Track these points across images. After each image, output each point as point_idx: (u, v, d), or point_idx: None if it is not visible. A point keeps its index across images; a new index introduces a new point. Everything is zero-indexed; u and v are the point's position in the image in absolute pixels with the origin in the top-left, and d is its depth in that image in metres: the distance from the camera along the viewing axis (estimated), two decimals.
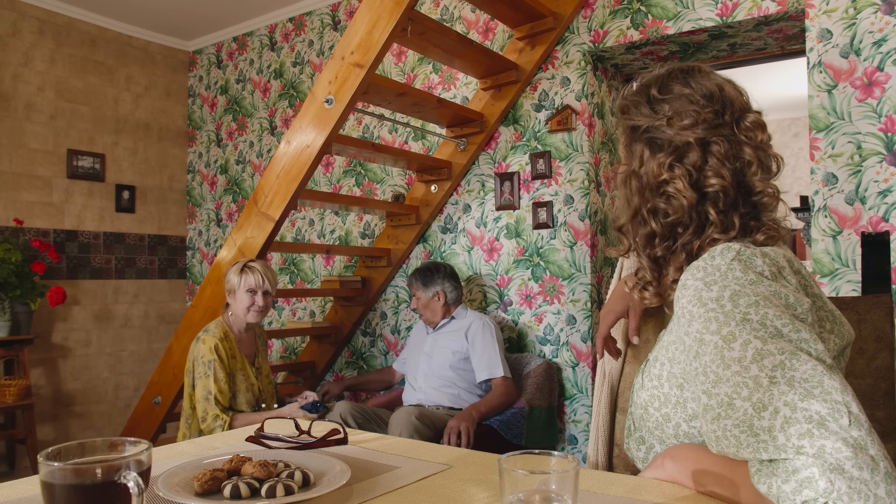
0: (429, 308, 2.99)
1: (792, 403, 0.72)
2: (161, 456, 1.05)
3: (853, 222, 2.20)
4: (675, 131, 0.96)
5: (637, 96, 1.02)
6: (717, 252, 0.88)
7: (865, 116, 2.20)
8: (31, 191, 4.22)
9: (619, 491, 0.85)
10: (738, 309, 0.81)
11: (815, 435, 0.69)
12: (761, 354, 0.76)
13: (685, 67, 1.02)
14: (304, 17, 4.38)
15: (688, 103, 0.97)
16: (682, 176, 0.94)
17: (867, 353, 1.20)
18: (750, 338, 0.78)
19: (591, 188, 3.15)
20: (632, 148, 1.02)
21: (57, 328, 4.32)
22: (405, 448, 1.10)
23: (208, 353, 2.45)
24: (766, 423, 0.73)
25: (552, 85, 3.25)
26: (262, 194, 2.82)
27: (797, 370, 0.74)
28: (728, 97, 0.98)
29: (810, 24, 2.30)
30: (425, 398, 2.90)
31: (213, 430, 2.41)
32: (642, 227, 1.00)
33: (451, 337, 2.96)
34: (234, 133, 4.78)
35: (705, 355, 0.82)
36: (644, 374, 1.03)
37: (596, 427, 1.32)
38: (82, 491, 0.64)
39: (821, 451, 0.68)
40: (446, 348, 2.93)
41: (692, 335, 0.85)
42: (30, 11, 4.23)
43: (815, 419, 0.70)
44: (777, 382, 0.74)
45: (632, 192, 1.01)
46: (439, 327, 3.01)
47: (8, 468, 4.06)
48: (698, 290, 0.86)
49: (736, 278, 0.84)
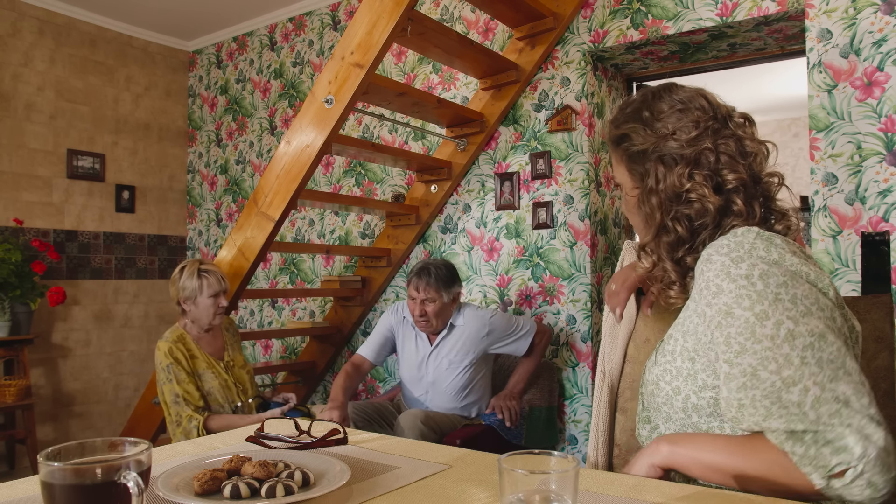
0: (443, 313, 2.66)
1: (822, 384, 0.81)
2: (161, 456, 1.05)
3: (853, 222, 2.20)
4: (683, 143, 1.01)
5: (630, 123, 1.06)
6: (738, 232, 0.94)
7: (865, 116, 2.20)
8: (31, 191, 4.22)
9: (619, 491, 0.85)
10: (769, 289, 0.86)
11: (843, 414, 0.79)
12: (793, 335, 0.83)
13: (661, 88, 1.07)
14: (304, 17, 4.38)
15: (683, 116, 1.02)
16: (703, 182, 0.99)
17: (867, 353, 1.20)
18: (783, 318, 0.84)
19: (591, 188, 3.15)
20: (640, 170, 1.06)
21: (57, 328, 4.32)
22: (405, 448, 1.10)
23: (164, 357, 2.43)
24: (796, 398, 0.81)
25: (552, 85, 3.25)
26: (262, 194, 2.82)
27: (825, 351, 0.82)
28: (713, 102, 1.05)
29: (810, 24, 2.30)
30: (433, 406, 2.75)
31: (191, 433, 2.38)
32: (666, 235, 1.03)
33: (457, 349, 2.69)
34: (234, 133, 4.78)
35: (731, 327, 0.87)
36: (658, 352, 1.06)
37: (596, 427, 1.32)
38: (82, 491, 0.64)
39: (851, 425, 0.78)
40: (455, 364, 2.68)
41: (717, 307, 0.90)
42: (30, 11, 4.23)
43: (841, 399, 0.80)
44: (808, 363, 0.82)
45: (652, 208, 1.04)
46: (440, 342, 2.71)
47: (8, 468, 4.06)
48: (725, 265, 0.91)
49: (761, 257, 0.89)
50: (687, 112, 1.02)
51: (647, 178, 1.04)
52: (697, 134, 1.00)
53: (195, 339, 2.55)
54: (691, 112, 1.02)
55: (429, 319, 2.63)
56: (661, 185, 1.02)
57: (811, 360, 0.82)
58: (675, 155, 1.01)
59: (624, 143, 1.07)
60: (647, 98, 1.07)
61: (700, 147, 1.00)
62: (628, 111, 1.08)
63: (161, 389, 2.47)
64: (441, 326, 2.68)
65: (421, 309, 2.62)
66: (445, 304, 2.64)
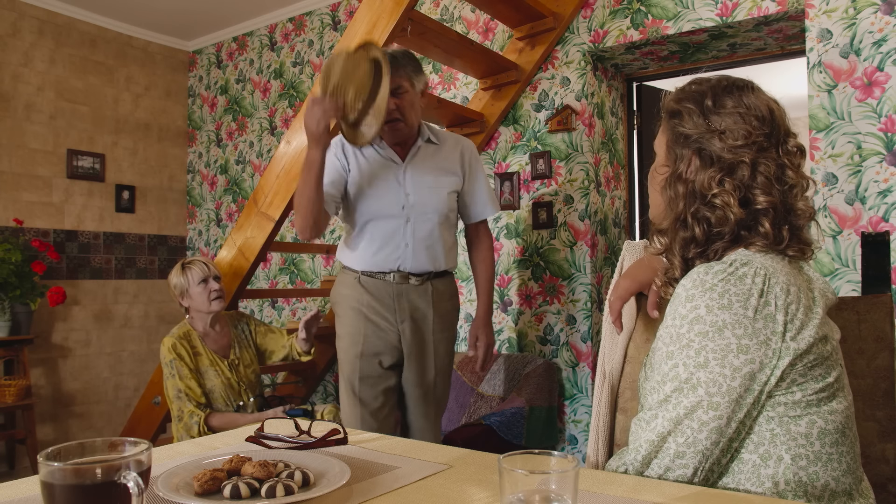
0: (413, 110, 2.11)
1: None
2: (161, 456, 1.05)
3: (853, 222, 2.20)
4: (727, 147, 0.98)
5: (690, 104, 1.03)
6: (741, 260, 0.94)
7: (865, 116, 2.20)
8: (31, 191, 4.22)
9: (619, 491, 0.85)
10: (690, 333, 0.92)
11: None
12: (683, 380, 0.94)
13: (739, 83, 1.03)
14: (304, 17, 4.38)
15: (741, 121, 0.99)
16: (731, 191, 0.97)
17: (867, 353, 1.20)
18: (678, 361, 0.92)
19: (591, 188, 3.15)
20: (678, 151, 1.04)
21: (57, 328, 4.32)
22: (405, 448, 1.10)
23: (167, 353, 2.47)
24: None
25: (552, 85, 3.25)
26: (262, 194, 2.82)
27: (681, 405, 0.92)
28: (777, 120, 1.01)
29: (810, 24, 2.30)
30: (412, 264, 2.15)
31: (191, 428, 2.41)
32: (683, 230, 1.02)
33: (442, 166, 2.19)
34: (234, 133, 4.78)
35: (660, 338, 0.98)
36: (646, 366, 1.05)
37: (596, 427, 1.32)
38: (82, 491, 0.64)
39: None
40: (440, 187, 2.16)
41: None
42: (30, 11, 4.23)
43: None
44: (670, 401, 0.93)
45: (677, 195, 1.02)
46: (414, 155, 2.16)
47: (8, 468, 4.06)
48: (699, 281, 0.94)
49: (710, 300, 0.92)
50: (745, 118, 0.99)
51: (681, 163, 1.02)
52: (743, 144, 0.98)
53: (201, 336, 2.57)
54: (749, 121, 0.98)
55: (404, 114, 2.07)
56: (691, 176, 1.01)
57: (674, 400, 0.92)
58: (715, 155, 0.99)
59: (675, 119, 1.05)
60: (718, 86, 1.03)
61: (739, 158, 0.97)
62: (694, 90, 1.04)
63: (164, 384, 2.51)
64: (411, 131, 2.15)
65: (390, 103, 2.02)
66: (416, 96, 2.12)
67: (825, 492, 0.91)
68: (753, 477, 0.91)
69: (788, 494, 0.89)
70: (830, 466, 0.91)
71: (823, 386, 0.91)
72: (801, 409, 0.91)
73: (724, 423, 0.89)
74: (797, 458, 0.90)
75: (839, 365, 0.96)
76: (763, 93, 1.03)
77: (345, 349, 2.17)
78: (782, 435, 0.90)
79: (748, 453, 0.91)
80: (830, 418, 0.92)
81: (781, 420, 0.90)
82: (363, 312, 2.13)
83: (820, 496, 0.91)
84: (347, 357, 2.15)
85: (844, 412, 0.94)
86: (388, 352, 2.14)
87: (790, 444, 0.90)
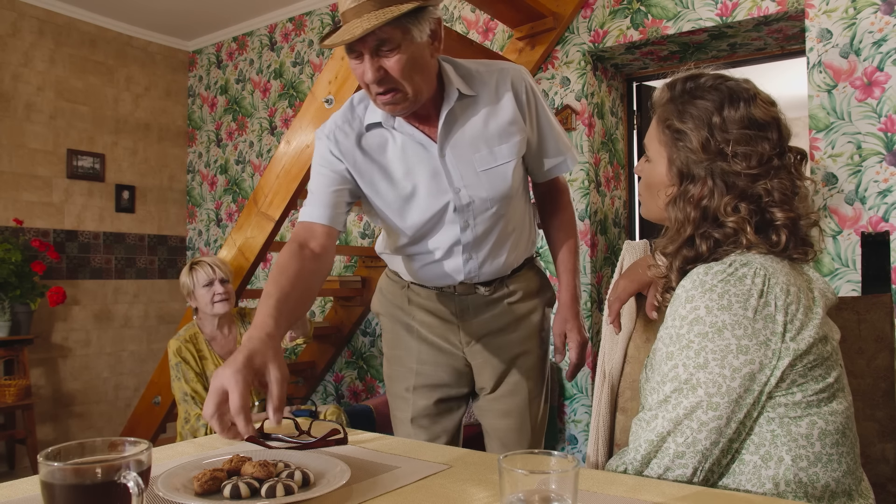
0: (416, 69, 1.28)
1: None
2: (161, 456, 1.05)
3: (853, 222, 2.20)
4: (740, 169, 0.94)
5: (693, 120, 0.97)
6: (741, 262, 0.92)
7: (865, 116, 2.20)
8: (31, 191, 4.22)
9: (619, 491, 0.85)
10: (690, 334, 0.91)
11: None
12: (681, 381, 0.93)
13: (745, 95, 0.97)
14: (304, 17, 4.38)
15: (751, 142, 0.94)
16: (747, 217, 0.94)
17: (867, 353, 1.20)
18: (678, 362, 0.92)
19: (591, 188, 3.15)
20: (681, 169, 0.99)
21: (57, 328, 4.32)
22: (405, 448, 1.10)
23: (173, 356, 2.49)
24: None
25: (552, 85, 3.25)
26: (262, 194, 2.82)
27: (681, 404, 0.91)
28: (784, 134, 0.97)
29: (810, 24, 2.30)
30: (478, 274, 1.51)
31: (198, 431, 2.42)
32: (688, 249, 0.99)
33: (493, 122, 1.42)
34: (234, 133, 4.78)
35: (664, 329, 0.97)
36: (647, 367, 1.05)
37: (596, 427, 1.32)
38: (82, 491, 0.64)
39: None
40: (500, 158, 1.42)
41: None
42: (30, 11, 4.23)
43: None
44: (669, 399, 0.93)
45: (687, 218, 0.98)
46: (451, 122, 1.40)
47: (8, 468, 4.06)
48: (698, 282, 0.93)
49: (709, 300, 0.91)
50: (757, 141, 0.94)
51: (689, 184, 0.97)
52: (757, 170, 0.93)
53: (208, 339, 2.59)
54: (760, 143, 0.94)
55: (398, 86, 1.27)
56: (704, 202, 0.96)
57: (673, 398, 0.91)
58: (730, 181, 0.95)
59: (677, 136, 0.99)
60: (723, 98, 0.96)
61: (756, 183, 0.94)
62: (699, 103, 0.97)
63: (172, 386, 2.53)
64: (427, 95, 1.35)
65: (375, 73, 1.24)
66: (419, 47, 1.26)
67: (825, 492, 0.91)
68: (754, 478, 0.90)
69: (789, 495, 0.89)
70: (831, 467, 0.91)
71: (824, 386, 0.91)
72: (801, 410, 0.91)
73: (723, 424, 0.89)
74: (798, 459, 0.90)
75: (839, 365, 0.95)
76: (766, 101, 0.99)
77: (392, 377, 1.64)
78: (783, 436, 0.90)
79: (749, 454, 0.91)
80: (831, 419, 0.92)
81: (782, 421, 0.90)
82: (415, 329, 1.59)
83: (820, 497, 0.91)
84: (396, 389, 1.63)
85: (845, 413, 0.94)
86: (452, 381, 1.60)
87: (791, 444, 0.90)
